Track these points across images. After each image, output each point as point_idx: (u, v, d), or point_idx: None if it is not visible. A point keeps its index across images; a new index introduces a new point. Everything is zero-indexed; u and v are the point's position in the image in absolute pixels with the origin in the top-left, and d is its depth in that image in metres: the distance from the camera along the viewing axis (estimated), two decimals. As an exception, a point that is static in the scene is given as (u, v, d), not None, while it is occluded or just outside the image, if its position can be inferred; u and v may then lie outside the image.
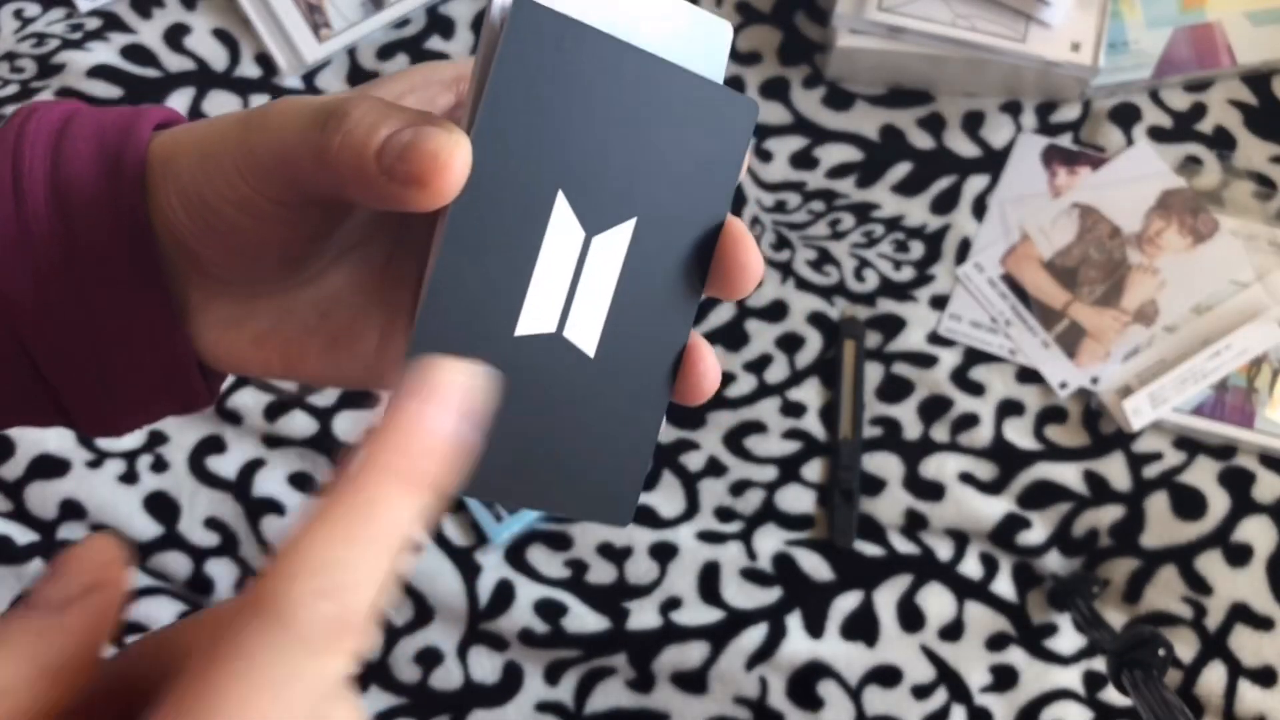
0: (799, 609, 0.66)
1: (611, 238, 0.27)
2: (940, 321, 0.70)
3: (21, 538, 0.65)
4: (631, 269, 0.28)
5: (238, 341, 0.30)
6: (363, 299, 0.31)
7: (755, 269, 0.28)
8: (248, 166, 0.26)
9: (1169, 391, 0.67)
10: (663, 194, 0.28)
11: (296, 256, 0.29)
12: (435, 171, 0.24)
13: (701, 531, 0.67)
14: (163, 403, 0.32)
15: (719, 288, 0.29)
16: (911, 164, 0.72)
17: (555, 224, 0.27)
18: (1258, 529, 0.66)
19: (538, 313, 0.27)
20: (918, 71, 0.71)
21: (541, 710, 0.65)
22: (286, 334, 0.31)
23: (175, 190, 0.28)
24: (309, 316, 0.31)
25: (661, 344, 0.29)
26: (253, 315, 0.30)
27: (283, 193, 0.26)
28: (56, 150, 0.28)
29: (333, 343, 0.31)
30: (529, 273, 0.27)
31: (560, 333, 0.27)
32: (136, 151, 0.28)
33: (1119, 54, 0.72)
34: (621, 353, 0.28)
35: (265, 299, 0.30)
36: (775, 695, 0.64)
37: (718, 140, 0.28)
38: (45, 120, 0.29)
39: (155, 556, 0.66)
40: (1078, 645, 0.65)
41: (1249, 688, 0.64)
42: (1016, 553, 0.67)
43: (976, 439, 0.68)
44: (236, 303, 0.30)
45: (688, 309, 0.29)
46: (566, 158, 0.26)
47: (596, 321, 0.28)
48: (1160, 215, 0.70)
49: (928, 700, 0.65)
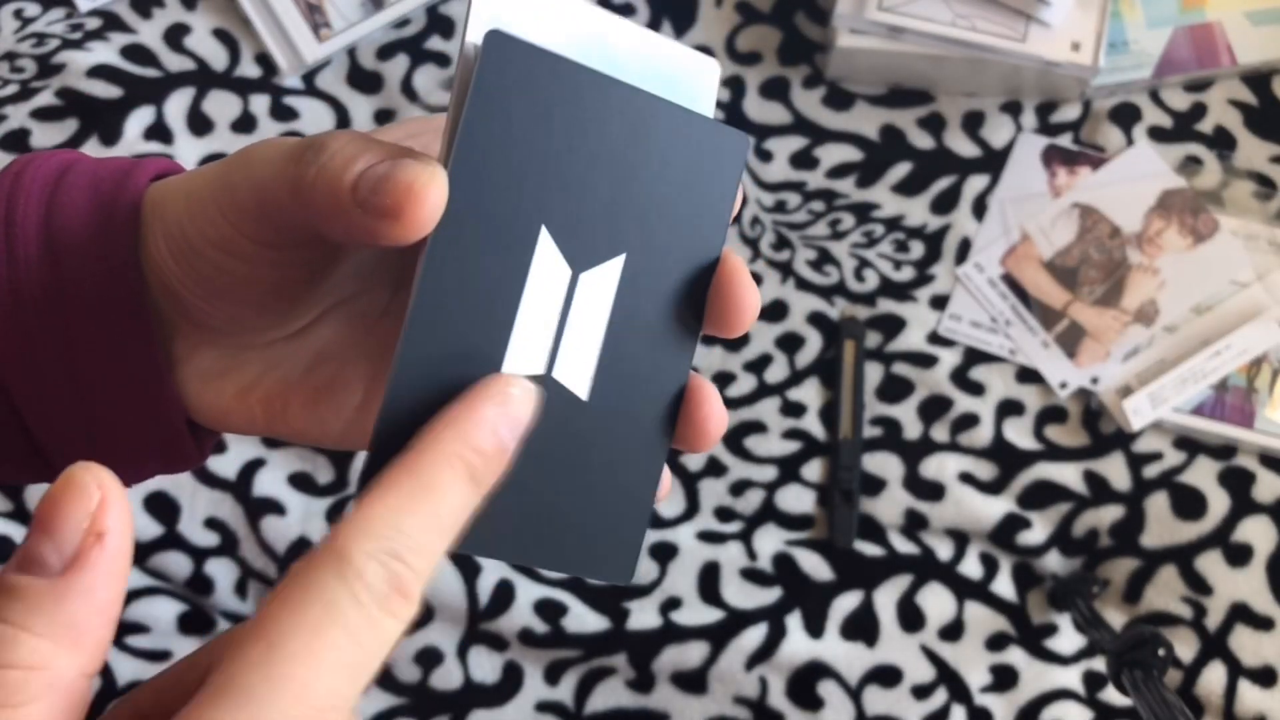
0: (799, 609, 0.66)
1: (600, 275, 0.27)
2: (940, 321, 0.70)
3: (21, 537, 0.65)
4: (623, 308, 0.27)
5: (221, 394, 0.30)
6: (350, 354, 0.30)
7: (752, 306, 0.28)
8: (228, 204, 0.26)
9: (1169, 391, 0.67)
10: (653, 230, 0.27)
11: (282, 303, 0.29)
12: (409, 203, 0.23)
13: (701, 531, 0.67)
14: (151, 460, 0.31)
15: (716, 326, 0.28)
16: (911, 164, 0.72)
17: (540, 260, 0.26)
18: (1258, 529, 0.66)
19: (524, 353, 0.26)
20: (918, 71, 0.71)
21: (541, 710, 0.65)
22: (270, 387, 0.30)
23: (163, 234, 0.27)
24: (294, 369, 0.30)
25: (659, 386, 0.28)
26: (238, 367, 0.30)
27: (262, 231, 0.26)
28: (51, 199, 0.28)
29: (316, 396, 0.30)
30: (513, 310, 0.26)
31: (549, 374, 0.26)
32: (131, 199, 0.28)
33: (1119, 54, 0.72)
34: (616, 396, 0.27)
35: (251, 351, 0.30)
36: (775, 695, 0.64)
37: (709, 174, 0.27)
38: (42, 169, 0.29)
39: (155, 556, 0.66)
40: (1078, 645, 0.65)
41: (1249, 688, 0.64)
42: (1016, 553, 0.67)
43: (976, 439, 0.68)
44: (222, 355, 0.30)
45: (685, 349, 0.28)
46: (549, 192, 0.25)
47: (588, 363, 0.27)
48: (1160, 215, 0.70)
49: (928, 700, 0.65)
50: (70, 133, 0.70)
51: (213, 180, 0.27)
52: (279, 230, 0.26)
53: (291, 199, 0.25)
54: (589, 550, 0.27)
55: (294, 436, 0.31)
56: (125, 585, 0.20)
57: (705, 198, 0.27)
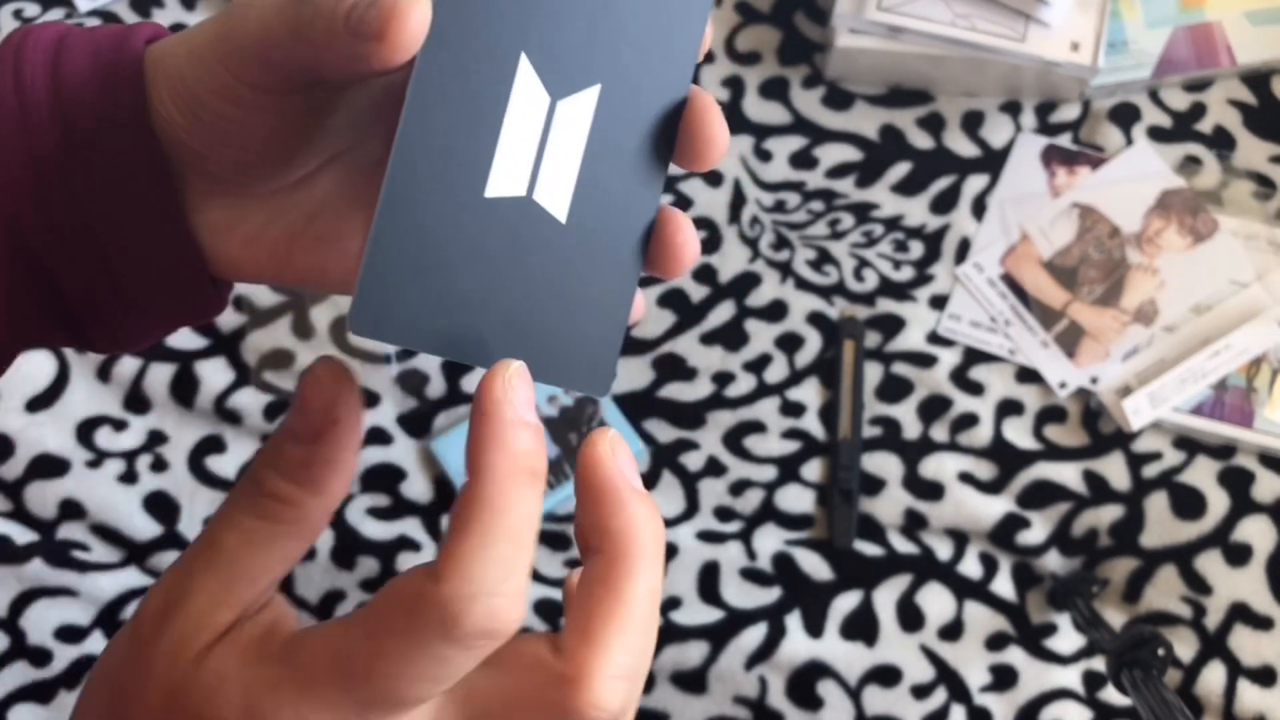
0: (798, 609, 0.66)
1: (577, 103, 0.28)
2: (940, 321, 0.70)
3: (21, 537, 0.65)
4: (598, 137, 0.28)
5: (230, 244, 0.32)
6: (349, 203, 0.32)
7: (722, 140, 0.29)
8: (227, 52, 0.28)
9: (1168, 391, 0.67)
10: (626, 63, 0.28)
11: (283, 151, 0.30)
12: (394, 23, 0.25)
13: (701, 531, 0.67)
14: (176, 311, 0.33)
15: (687, 159, 0.29)
16: (911, 164, 0.72)
17: (520, 86, 0.27)
18: (1257, 529, 0.66)
19: (507, 175, 0.27)
20: (917, 71, 0.71)
21: (541, 710, 0.65)
22: (275, 235, 0.32)
23: (167, 89, 0.29)
24: (297, 219, 0.32)
25: (632, 213, 0.29)
26: (244, 217, 0.32)
27: (261, 76, 0.28)
28: (55, 62, 0.29)
29: (318, 244, 0.32)
30: (496, 133, 0.27)
31: (530, 195, 0.28)
32: (133, 59, 0.30)
33: (1118, 54, 0.72)
34: (592, 220, 0.29)
35: (256, 201, 0.32)
36: (775, 695, 0.64)
37: (679, 12, 0.29)
38: (41, 38, 0.30)
39: (155, 556, 0.66)
40: (1077, 645, 0.65)
41: (1248, 687, 0.64)
42: (1016, 552, 0.67)
43: (976, 439, 0.68)
44: (229, 206, 0.31)
45: (656, 179, 0.29)
46: (529, 21, 0.27)
47: (566, 187, 0.28)
48: (1160, 215, 0.70)
49: (927, 700, 0.65)
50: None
51: (210, 32, 0.28)
52: (277, 74, 0.28)
53: (291, 37, 0.26)
54: (567, 363, 0.29)
55: (299, 281, 0.33)
56: (356, 452, 0.28)
57: (675, 34, 0.29)
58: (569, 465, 0.67)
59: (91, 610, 0.65)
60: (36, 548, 0.65)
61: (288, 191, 0.32)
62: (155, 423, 0.68)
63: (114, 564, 0.66)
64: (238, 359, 0.69)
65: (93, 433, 0.67)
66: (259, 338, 0.69)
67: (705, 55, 0.74)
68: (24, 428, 0.67)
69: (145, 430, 0.68)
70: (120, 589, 0.65)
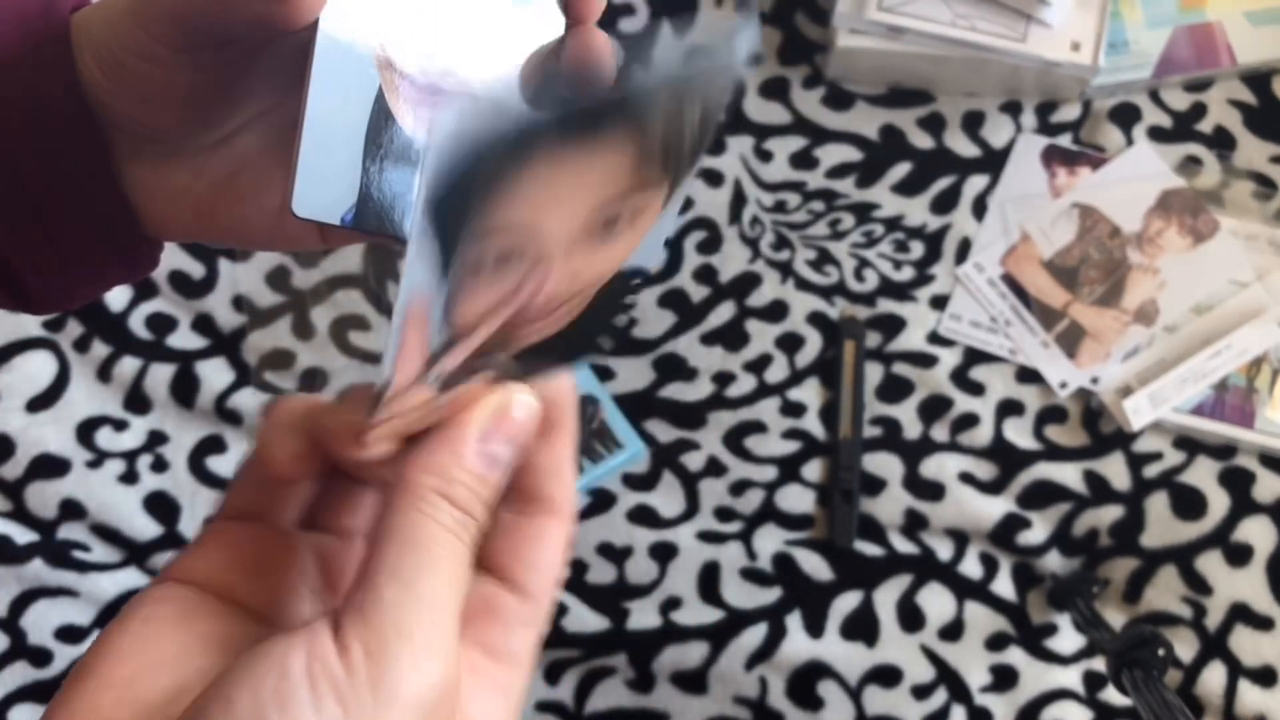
0: (799, 609, 0.66)
1: None
2: (940, 321, 0.70)
3: (21, 537, 0.65)
4: None
5: (156, 201, 0.33)
6: (269, 159, 0.33)
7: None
8: (145, 15, 0.29)
9: (1169, 391, 0.67)
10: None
11: (205, 109, 0.32)
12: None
13: (701, 531, 0.67)
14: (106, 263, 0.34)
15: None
16: (911, 164, 0.72)
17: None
18: (1258, 529, 0.66)
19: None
20: (918, 71, 0.71)
21: (541, 710, 0.65)
22: (199, 192, 0.33)
23: (91, 53, 0.30)
24: (220, 176, 0.33)
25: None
26: (169, 176, 0.33)
27: (178, 38, 0.29)
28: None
29: (241, 199, 0.33)
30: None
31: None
32: (59, 24, 0.31)
33: (1119, 54, 0.72)
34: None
35: (179, 160, 0.33)
36: (775, 695, 0.64)
37: None
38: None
39: (155, 556, 0.66)
40: (1078, 645, 0.65)
41: (1249, 687, 0.64)
42: (1016, 553, 0.67)
43: (976, 439, 0.68)
44: (155, 166, 0.33)
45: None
46: None
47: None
48: (1160, 215, 0.70)
49: (927, 700, 0.65)
50: (70, 133, 0.71)
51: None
52: (191, 35, 0.29)
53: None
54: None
55: (223, 238, 0.34)
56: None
57: None
58: (569, 465, 0.67)
59: (92, 610, 0.65)
60: (37, 548, 0.65)
61: (210, 150, 0.33)
62: (156, 423, 0.68)
63: (114, 564, 0.66)
64: (238, 359, 0.69)
65: (93, 433, 0.67)
66: (259, 338, 0.69)
67: (706, 55, 0.74)
68: (24, 428, 0.67)
69: (146, 430, 0.68)
70: (120, 589, 0.65)
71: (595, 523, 0.67)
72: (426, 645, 0.22)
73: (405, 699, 0.22)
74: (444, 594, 0.23)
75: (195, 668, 0.24)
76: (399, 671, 0.22)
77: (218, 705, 0.21)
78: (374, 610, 0.22)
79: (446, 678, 0.22)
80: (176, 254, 0.69)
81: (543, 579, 0.26)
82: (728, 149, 0.72)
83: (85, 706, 0.23)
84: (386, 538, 0.23)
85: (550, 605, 0.26)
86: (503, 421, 0.25)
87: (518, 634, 0.26)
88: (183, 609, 0.25)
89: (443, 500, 0.24)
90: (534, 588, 0.26)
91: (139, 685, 0.24)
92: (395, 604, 0.22)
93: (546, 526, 0.26)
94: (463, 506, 0.24)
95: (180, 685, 0.23)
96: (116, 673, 0.24)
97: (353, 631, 0.22)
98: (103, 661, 0.24)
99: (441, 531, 0.23)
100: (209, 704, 0.22)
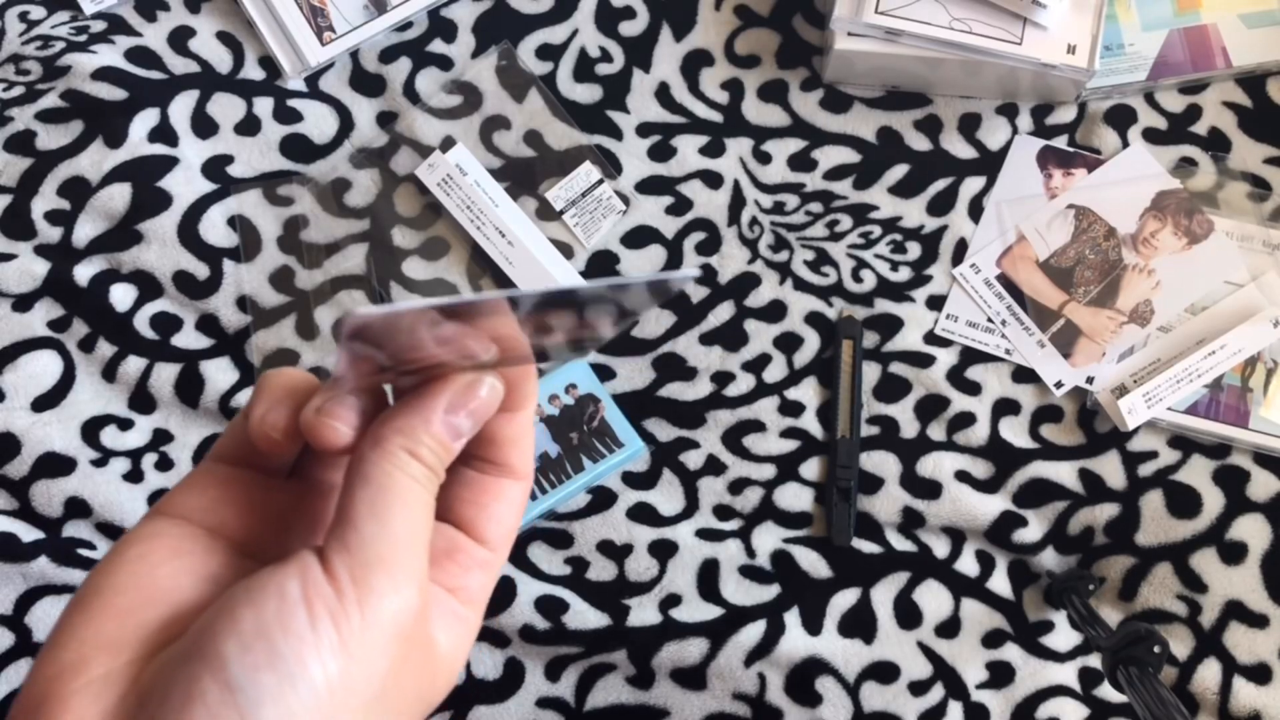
0: (797, 606, 0.66)
1: None
2: (937, 321, 0.70)
3: (27, 535, 0.66)
4: None
5: None
6: None
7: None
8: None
9: (1164, 391, 0.67)
10: None
11: None
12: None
13: (701, 529, 0.68)
14: None
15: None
16: (908, 166, 0.73)
17: None
18: (1252, 527, 0.66)
19: None
20: (915, 74, 0.72)
21: (542, 706, 0.65)
22: None
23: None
24: None
25: None
26: None
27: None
28: None
29: None
30: None
31: None
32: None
33: (1114, 56, 0.73)
34: None
35: None
36: (774, 691, 0.65)
37: None
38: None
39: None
40: (1073, 642, 0.66)
41: (1244, 685, 0.64)
42: (1012, 550, 0.67)
43: (973, 438, 0.68)
44: None
45: None
46: None
47: None
48: (1155, 216, 0.71)
49: (924, 696, 0.65)
50: (75, 135, 0.71)
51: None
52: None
53: None
54: None
55: None
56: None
57: None
58: (569, 465, 0.67)
59: (97, 607, 0.66)
60: (42, 546, 0.66)
61: None
62: (160, 422, 0.69)
63: (119, 562, 0.66)
64: (242, 359, 0.69)
65: (98, 432, 0.68)
66: (263, 338, 0.70)
67: (706, 58, 0.74)
68: (30, 427, 0.67)
69: (151, 429, 0.68)
70: (125, 586, 0.66)
71: (596, 521, 0.67)
72: (403, 573, 0.26)
73: (386, 618, 0.25)
74: (415, 532, 0.26)
75: (187, 599, 0.26)
76: (380, 595, 0.25)
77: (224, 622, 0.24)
78: (356, 543, 0.25)
79: (419, 603, 0.26)
80: (181, 255, 0.70)
81: (501, 529, 0.30)
82: (727, 151, 0.73)
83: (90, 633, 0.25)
84: (362, 483, 0.26)
85: (505, 555, 0.30)
86: (469, 398, 0.28)
87: (476, 576, 0.29)
88: (174, 544, 0.27)
89: (411, 457, 0.27)
90: (492, 536, 0.30)
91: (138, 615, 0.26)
92: (375, 538, 0.26)
93: (507, 487, 0.30)
94: (427, 465, 0.27)
95: (174, 615, 0.26)
96: (114, 603, 0.26)
97: (339, 561, 0.25)
98: (100, 595, 0.26)
99: (410, 482, 0.27)
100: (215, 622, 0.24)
